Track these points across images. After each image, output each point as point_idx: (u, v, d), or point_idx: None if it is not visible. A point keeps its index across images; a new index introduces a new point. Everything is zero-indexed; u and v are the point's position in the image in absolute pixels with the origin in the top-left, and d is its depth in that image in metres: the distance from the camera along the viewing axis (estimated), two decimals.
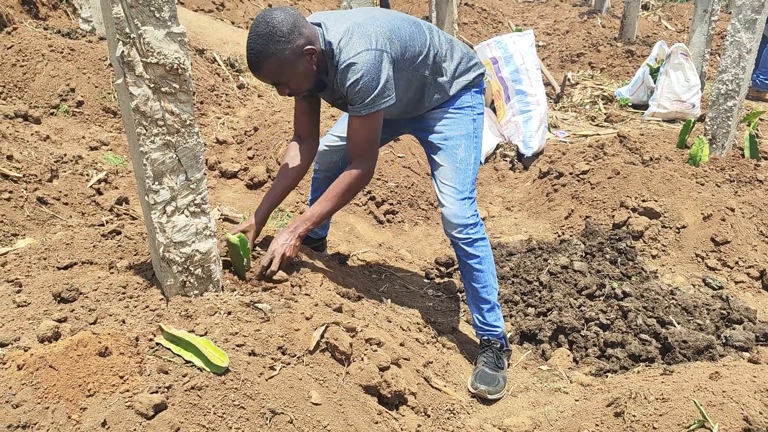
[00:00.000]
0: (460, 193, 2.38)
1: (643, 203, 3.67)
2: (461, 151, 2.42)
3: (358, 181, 2.25)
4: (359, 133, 2.21)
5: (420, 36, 2.31)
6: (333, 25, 2.16)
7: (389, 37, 2.16)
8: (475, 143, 2.47)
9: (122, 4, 1.55)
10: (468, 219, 2.37)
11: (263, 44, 2.01)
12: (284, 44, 2.02)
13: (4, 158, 3.17)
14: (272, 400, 1.66)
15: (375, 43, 2.10)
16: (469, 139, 2.45)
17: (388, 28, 2.19)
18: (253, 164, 4.16)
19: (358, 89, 2.08)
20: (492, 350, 2.47)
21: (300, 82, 2.14)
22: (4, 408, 1.47)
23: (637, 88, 6.49)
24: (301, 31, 2.05)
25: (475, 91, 2.51)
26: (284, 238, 2.20)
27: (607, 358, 2.59)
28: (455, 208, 2.37)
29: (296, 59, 2.06)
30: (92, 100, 4.48)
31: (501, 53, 5.17)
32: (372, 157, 2.27)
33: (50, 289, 1.90)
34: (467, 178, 2.41)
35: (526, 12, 14.36)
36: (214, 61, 6.06)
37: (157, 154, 1.72)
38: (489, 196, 4.58)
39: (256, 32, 2.01)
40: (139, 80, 1.63)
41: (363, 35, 2.10)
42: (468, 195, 2.40)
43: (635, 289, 2.89)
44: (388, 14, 2.31)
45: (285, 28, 2.01)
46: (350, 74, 2.08)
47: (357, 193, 2.33)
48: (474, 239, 2.40)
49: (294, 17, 2.04)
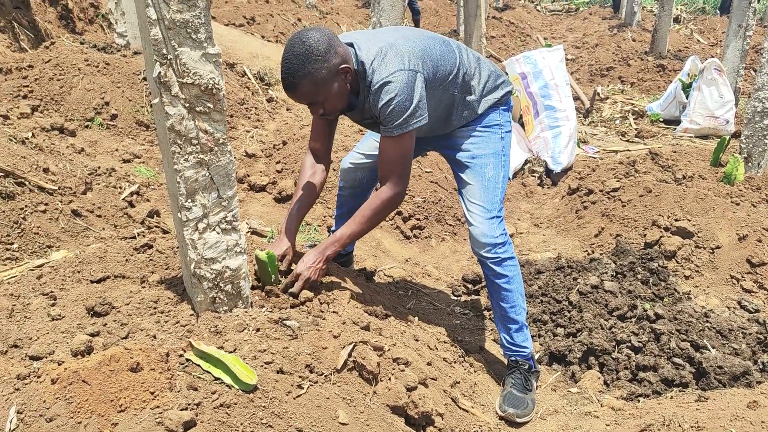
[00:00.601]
0: (488, 212, 2.36)
1: (676, 222, 3.61)
2: (489, 169, 2.40)
3: (390, 203, 2.23)
4: (391, 154, 2.20)
5: (450, 55, 2.31)
6: (365, 45, 2.16)
7: (421, 57, 2.16)
8: (503, 161, 2.45)
9: (160, 26, 1.57)
10: (497, 238, 2.34)
11: (299, 64, 2.00)
12: (321, 63, 2.01)
13: (41, 171, 3.25)
14: (300, 419, 1.66)
15: (408, 63, 2.10)
16: (497, 158, 2.43)
17: (420, 48, 2.19)
18: (282, 178, 4.19)
19: (391, 109, 2.08)
20: (520, 371, 2.43)
21: (335, 101, 2.14)
22: (38, 422, 1.49)
23: (669, 104, 6.40)
24: (336, 50, 2.05)
25: (503, 109, 2.49)
26: (311, 259, 2.19)
27: (639, 381, 2.54)
28: (483, 227, 2.35)
29: (332, 78, 2.06)
30: (126, 114, 4.57)
31: (530, 68, 5.15)
32: (404, 178, 2.23)
33: (84, 303, 1.93)
34: (496, 196, 2.39)
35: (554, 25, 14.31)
36: (244, 74, 6.15)
37: (190, 172, 1.74)
38: (517, 212, 4.55)
39: (292, 52, 2.01)
40: (175, 100, 1.65)
41: (396, 55, 2.11)
42: (497, 214, 2.38)
43: (668, 310, 2.83)
44: (418, 33, 2.31)
45: (321, 47, 2.01)
46: (384, 94, 2.08)
47: (388, 214, 2.31)
48: (502, 258, 2.37)
49: (329, 36, 2.05)
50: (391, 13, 4.63)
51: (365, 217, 2.23)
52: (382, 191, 2.22)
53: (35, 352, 1.70)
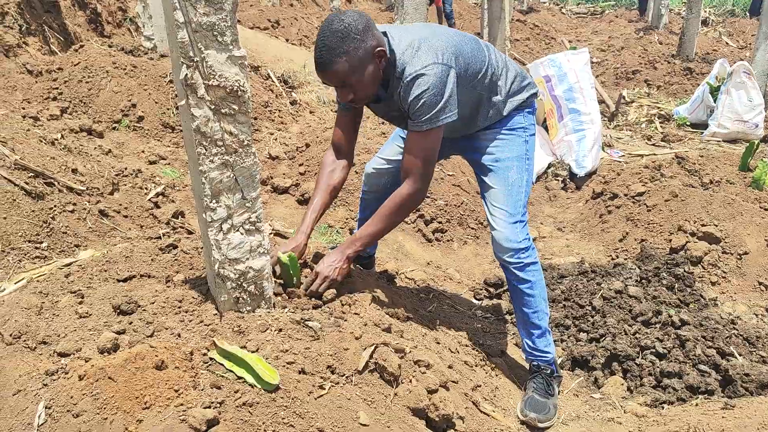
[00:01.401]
0: (511, 216, 2.33)
1: (703, 228, 3.56)
2: (513, 173, 2.37)
3: (411, 200, 2.20)
4: (417, 148, 2.16)
5: (479, 54, 2.29)
6: (398, 35, 2.15)
7: (454, 52, 2.15)
8: (527, 165, 2.41)
9: (187, 29, 1.60)
10: (520, 243, 2.31)
11: (337, 41, 1.97)
12: (358, 42, 1.99)
13: (70, 171, 3.31)
14: (321, 419, 1.67)
15: (442, 57, 2.08)
16: (521, 161, 2.39)
17: (453, 43, 2.17)
18: (305, 180, 4.22)
19: (422, 103, 2.05)
20: (542, 376, 2.41)
21: (366, 86, 2.10)
22: (65, 417, 1.52)
23: (696, 107, 6.31)
24: (373, 32, 2.04)
25: (527, 112, 2.47)
26: (332, 258, 2.17)
27: (664, 388, 2.51)
28: (507, 231, 2.31)
29: (367, 60, 2.03)
30: (152, 116, 4.64)
31: (555, 71, 5.12)
32: (427, 175, 2.19)
33: (110, 301, 1.96)
34: (519, 200, 2.36)
35: (579, 28, 14.19)
36: (268, 77, 6.20)
37: (215, 173, 1.77)
38: (540, 216, 4.52)
39: (330, 29, 1.98)
40: (201, 102, 1.68)
41: (429, 48, 2.09)
42: (520, 218, 2.34)
43: (693, 317, 2.79)
44: (449, 30, 2.31)
45: (360, 26, 1.99)
46: (415, 87, 2.05)
47: (409, 212, 2.30)
48: (525, 264, 2.34)
49: (367, 18, 2.04)
50: (414, 15, 4.63)
51: (384, 216, 2.21)
52: (402, 188, 2.18)
53: (63, 348, 1.73)
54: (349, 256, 2.20)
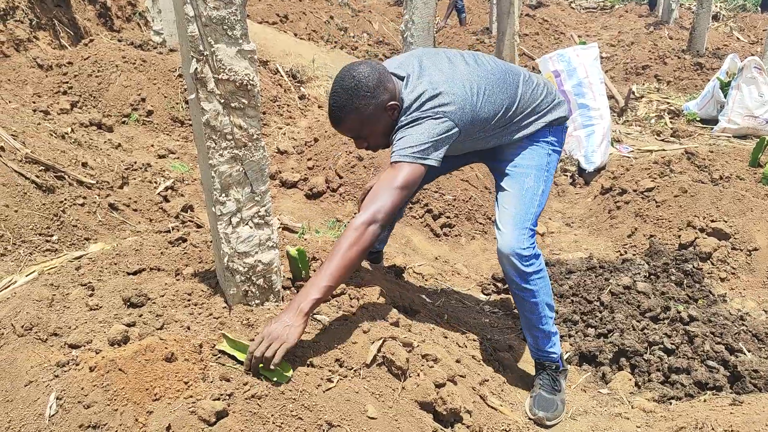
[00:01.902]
0: (520, 222, 2.23)
1: (712, 224, 3.54)
2: (530, 180, 2.28)
3: (353, 234, 1.86)
4: (382, 180, 1.99)
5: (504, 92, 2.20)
6: (414, 82, 2.08)
7: (462, 106, 2.06)
8: (545, 176, 2.32)
9: (197, 23, 1.60)
10: (524, 250, 2.21)
11: (348, 98, 1.97)
12: (369, 99, 1.98)
13: (80, 165, 3.33)
14: (329, 412, 1.68)
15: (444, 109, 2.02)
16: (539, 171, 2.31)
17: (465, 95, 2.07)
18: (313, 174, 4.23)
19: (402, 136, 2.00)
20: (548, 373, 2.41)
21: (379, 137, 2.09)
22: (76, 408, 1.54)
23: (707, 103, 6.27)
24: (386, 86, 2.01)
25: (555, 128, 2.37)
26: (285, 317, 1.73)
27: (672, 384, 2.50)
28: (512, 236, 2.21)
29: (379, 114, 2.02)
30: (161, 110, 4.66)
31: (564, 66, 5.10)
32: (378, 212, 1.90)
33: (120, 294, 1.98)
34: (531, 208, 2.26)
35: (588, 23, 14.10)
36: (277, 72, 6.20)
37: (224, 167, 1.77)
38: (548, 211, 4.51)
39: (341, 85, 1.98)
40: (211, 96, 1.68)
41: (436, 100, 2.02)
42: (529, 226, 2.24)
43: (702, 313, 2.78)
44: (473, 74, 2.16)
45: (371, 83, 1.98)
46: (404, 118, 2.02)
47: (365, 249, 1.89)
48: (528, 273, 2.24)
49: (379, 72, 2.01)
50: (423, 10, 4.62)
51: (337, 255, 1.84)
52: (355, 218, 1.91)
53: (74, 340, 1.75)
54: (306, 311, 1.75)
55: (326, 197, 4.05)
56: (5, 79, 4.54)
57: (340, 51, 8.34)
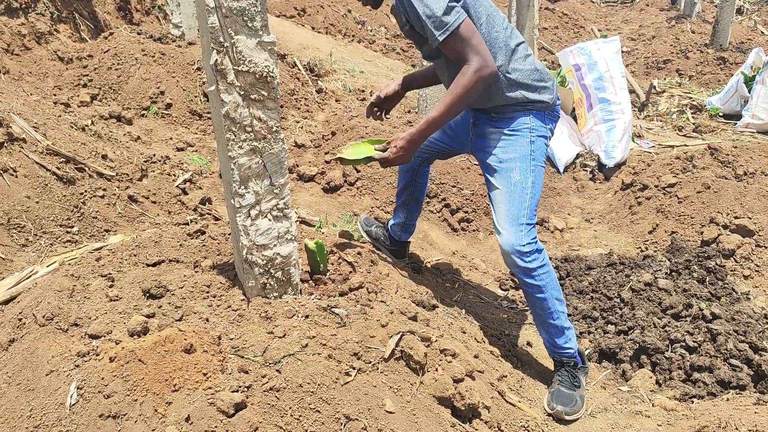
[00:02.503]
0: (514, 220, 2.26)
1: (736, 220, 3.48)
2: (516, 174, 2.30)
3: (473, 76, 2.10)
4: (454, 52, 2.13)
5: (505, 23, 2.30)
6: None
7: None
8: (532, 166, 2.32)
9: (217, 14, 1.60)
10: (524, 247, 2.24)
11: None
12: None
13: (100, 157, 3.36)
14: (347, 405, 1.67)
15: None
16: (524, 162, 2.31)
17: None
18: (330, 168, 4.22)
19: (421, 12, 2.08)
20: (566, 369, 2.39)
21: None
22: (96, 398, 1.54)
23: (730, 97, 6.15)
24: None
25: (535, 114, 2.35)
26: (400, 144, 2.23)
27: (693, 382, 2.46)
28: (509, 235, 2.25)
29: None
30: (180, 103, 4.67)
31: (584, 60, 5.03)
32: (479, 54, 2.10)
33: (140, 285, 1.99)
34: (523, 202, 2.28)
35: (609, 16, 13.93)
36: (295, 65, 6.20)
37: (244, 159, 1.77)
38: (567, 206, 4.46)
39: None
40: (231, 87, 1.68)
41: None
42: (525, 221, 2.26)
43: (725, 311, 2.73)
44: None
45: None
46: None
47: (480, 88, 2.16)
48: (531, 268, 2.26)
49: None
50: None
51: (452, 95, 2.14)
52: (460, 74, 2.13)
53: (94, 331, 1.76)
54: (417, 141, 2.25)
55: (343, 191, 4.04)
56: (27, 71, 4.59)
57: (357, 45, 8.32)
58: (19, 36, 4.75)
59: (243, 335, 1.78)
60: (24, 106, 3.52)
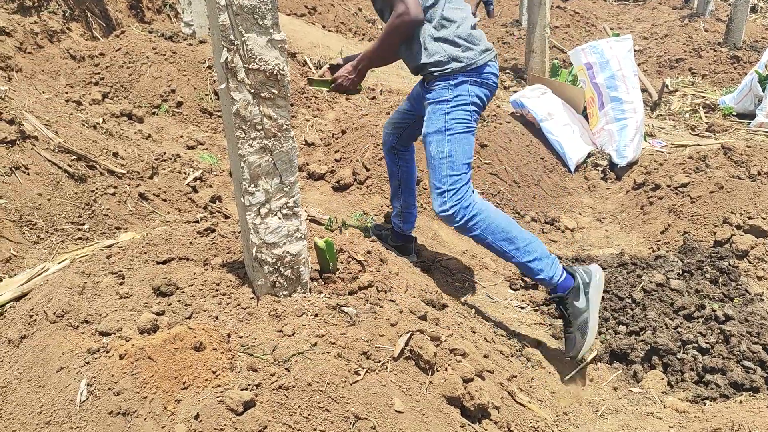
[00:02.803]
0: (436, 188, 2.55)
1: (750, 220, 3.44)
2: (432, 147, 2.56)
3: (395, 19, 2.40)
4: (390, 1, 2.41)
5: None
6: None
7: None
8: (447, 137, 2.54)
9: (228, 12, 1.59)
10: (447, 211, 2.52)
11: None
12: None
13: (111, 155, 3.37)
14: (356, 404, 1.67)
15: None
16: (439, 134, 2.54)
17: None
18: (340, 167, 4.22)
19: None
20: (559, 310, 2.54)
21: None
22: (106, 395, 1.55)
23: (743, 97, 6.10)
24: None
25: (454, 84, 2.54)
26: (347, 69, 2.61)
27: (706, 384, 2.44)
28: (435, 203, 2.57)
29: None
30: (190, 101, 4.69)
31: (596, 58, 5.00)
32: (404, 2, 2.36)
33: (150, 283, 1.99)
34: (441, 172, 2.53)
35: (621, 15, 13.84)
36: (305, 64, 6.20)
37: (254, 157, 1.77)
38: (578, 206, 4.43)
39: None
40: (241, 85, 1.68)
41: None
42: (446, 188, 2.51)
43: (738, 312, 2.70)
44: None
45: None
46: None
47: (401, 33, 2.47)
48: (464, 226, 2.54)
49: None
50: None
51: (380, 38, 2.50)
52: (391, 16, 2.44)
53: (105, 328, 1.76)
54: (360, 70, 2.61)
55: (353, 189, 4.03)
56: (39, 69, 4.62)
57: (368, 43, 8.31)
58: (31, 34, 4.78)
59: (252, 333, 1.78)
60: (36, 104, 3.54)
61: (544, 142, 4.91)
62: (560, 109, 5.02)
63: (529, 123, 5.04)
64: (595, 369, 2.59)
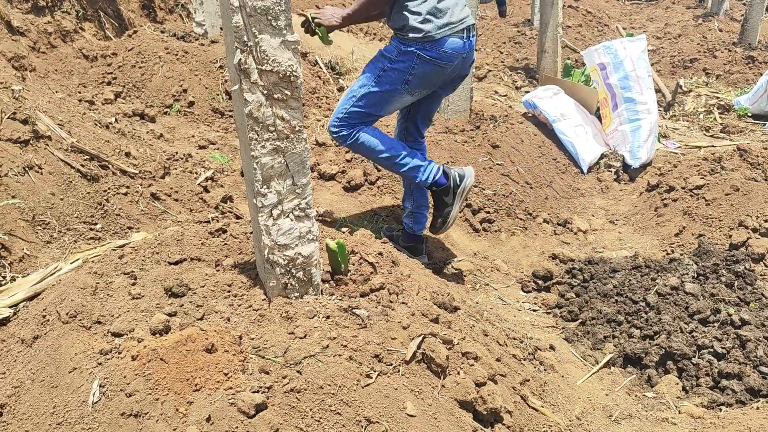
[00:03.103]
0: (336, 112, 2.85)
1: (766, 223, 3.40)
2: (355, 83, 2.83)
3: None
4: None
5: None
6: None
7: None
8: (372, 82, 2.77)
9: (242, 13, 1.59)
10: (333, 133, 2.87)
11: None
12: None
13: (123, 155, 3.38)
14: (368, 408, 1.65)
15: None
16: (366, 79, 2.79)
17: None
18: (351, 167, 4.21)
19: None
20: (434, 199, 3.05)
21: None
22: (118, 396, 1.55)
23: (759, 97, 6.03)
24: None
25: (404, 50, 2.71)
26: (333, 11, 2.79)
27: (722, 389, 2.41)
28: (330, 121, 2.88)
29: None
30: (202, 101, 4.70)
31: (610, 59, 4.96)
32: None
33: (162, 284, 1.99)
34: (346, 104, 2.82)
35: (633, 14, 13.74)
36: (316, 63, 6.20)
37: (266, 159, 1.76)
38: (591, 208, 4.40)
39: None
40: (254, 87, 1.67)
41: None
42: (340, 115, 2.82)
43: (755, 316, 2.67)
44: None
45: None
46: None
47: None
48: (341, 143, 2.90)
49: None
50: None
51: None
52: None
53: (117, 329, 1.76)
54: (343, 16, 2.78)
55: (364, 190, 4.02)
56: (52, 69, 4.64)
57: (379, 43, 8.30)
58: (45, 34, 4.81)
59: (264, 335, 1.77)
60: (49, 104, 3.56)
61: (556, 142, 4.87)
62: (573, 110, 4.99)
63: (542, 124, 5.01)
64: (609, 373, 2.57)
